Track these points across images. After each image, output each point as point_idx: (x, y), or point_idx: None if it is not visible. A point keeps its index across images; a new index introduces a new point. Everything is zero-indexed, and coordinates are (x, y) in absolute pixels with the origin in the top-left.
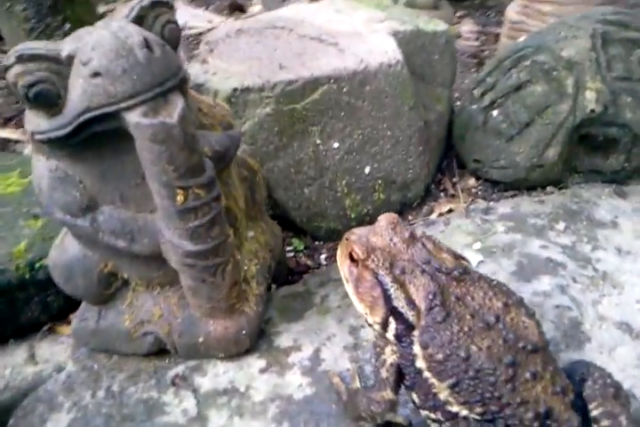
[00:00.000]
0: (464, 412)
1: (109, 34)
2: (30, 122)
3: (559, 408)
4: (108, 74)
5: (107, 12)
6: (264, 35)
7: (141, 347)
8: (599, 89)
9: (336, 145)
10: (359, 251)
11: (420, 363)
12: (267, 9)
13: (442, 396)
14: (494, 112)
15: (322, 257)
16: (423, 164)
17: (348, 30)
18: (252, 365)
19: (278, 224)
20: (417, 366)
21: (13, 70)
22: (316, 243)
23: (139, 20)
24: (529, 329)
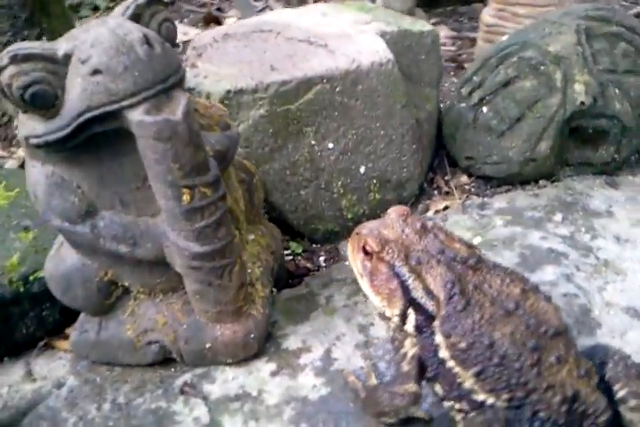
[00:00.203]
0: (490, 400)
1: (108, 31)
2: (24, 126)
3: (585, 391)
4: (109, 71)
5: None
6: (251, 38)
7: (145, 357)
8: (587, 82)
9: (331, 145)
10: (373, 244)
11: (443, 353)
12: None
13: (467, 385)
14: (484, 109)
15: (321, 259)
16: (417, 162)
17: (336, 32)
18: (262, 369)
19: None
20: (440, 356)
21: (7, 71)
22: (314, 246)
23: (135, 19)
24: (549, 314)
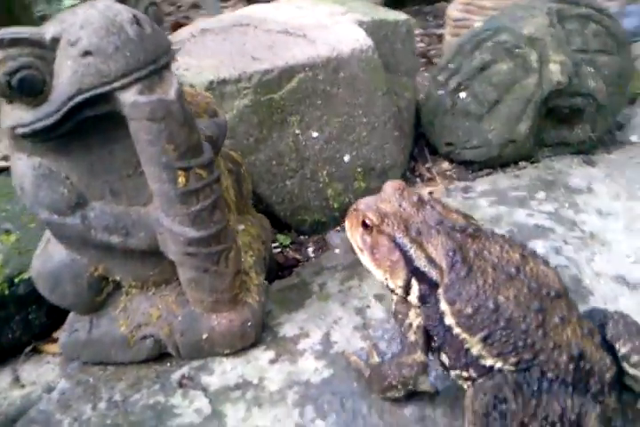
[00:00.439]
0: (498, 364)
1: (97, 12)
2: (9, 116)
3: (590, 349)
4: (100, 52)
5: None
6: (229, 32)
7: (140, 353)
8: (563, 61)
9: (315, 134)
10: (373, 217)
11: (449, 320)
12: None
13: (474, 351)
14: (462, 94)
15: (309, 250)
16: (400, 149)
17: (314, 23)
18: (260, 357)
19: None
20: (446, 323)
21: None
22: (302, 237)
23: (121, 2)
24: (549, 277)
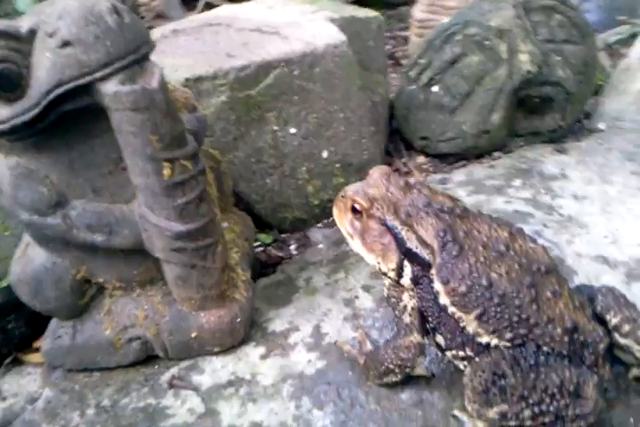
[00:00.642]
0: (494, 341)
1: (75, 2)
2: None
3: (583, 321)
4: (80, 42)
5: None
6: (202, 32)
7: (127, 356)
8: (532, 51)
9: (293, 130)
10: (362, 201)
11: (444, 299)
12: None
13: (470, 329)
14: (434, 88)
15: (291, 248)
16: (376, 144)
17: (286, 21)
18: (251, 354)
19: None
20: (440, 303)
21: None
22: (283, 235)
23: None
24: (538, 253)
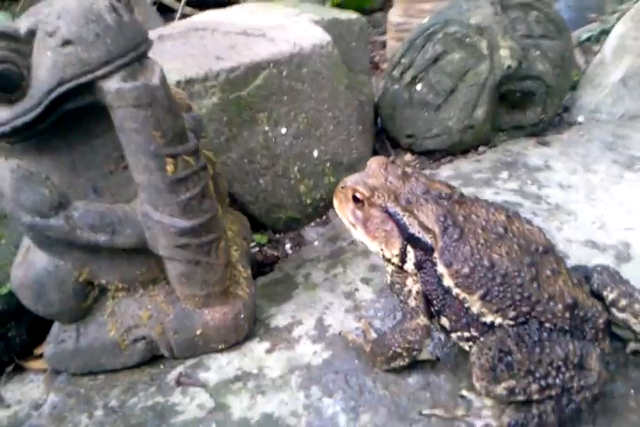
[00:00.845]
0: (498, 320)
1: (74, 1)
2: None
3: (582, 297)
4: (80, 40)
5: None
6: (188, 37)
7: (132, 357)
8: (511, 46)
9: (284, 131)
10: (363, 190)
11: (448, 281)
12: None
13: (475, 309)
14: (418, 86)
15: (287, 247)
16: (365, 143)
17: (271, 24)
18: (255, 349)
19: None
20: (445, 285)
21: None
22: (277, 235)
23: None
24: (535, 234)
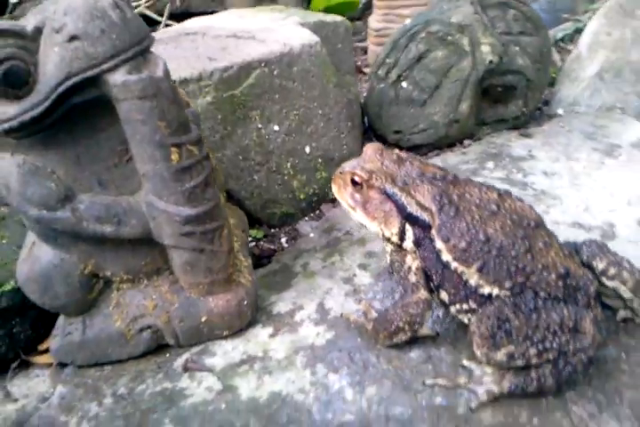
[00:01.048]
0: (495, 291)
1: None
2: None
3: (574, 267)
4: (87, 36)
5: None
6: (179, 41)
7: (138, 347)
8: (492, 43)
9: (276, 128)
10: (361, 173)
11: (446, 256)
12: None
13: (473, 281)
14: (403, 84)
15: (282, 240)
16: (354, 140)
17: (259, 27)
18: (259, 334)
19: None
20: (443, 260)
21: None
22: (273, 230)
23: None
24: (526, 211)
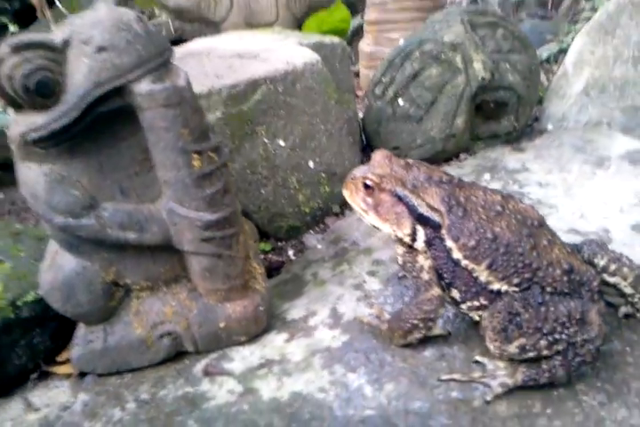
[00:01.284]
0: (504, 287)
1: (105, 13)
2: (19, 123)
3: (577, 263)
4: (114, 47)
5: None
6: (185, 61)
7: (158, 353)
8: (484, 60)
9: (282, 143)
10: (373, 177)
11: (456, 254)
12: None
13: (482, 278)
14: (400, 101)
15: (290, 253)
16: (355, 155)
17: (262, 48)
18: (275, 340)
19: None
20: (454, 258)
21: (9, 62)
22: (280, 243)
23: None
24: (529, 211)
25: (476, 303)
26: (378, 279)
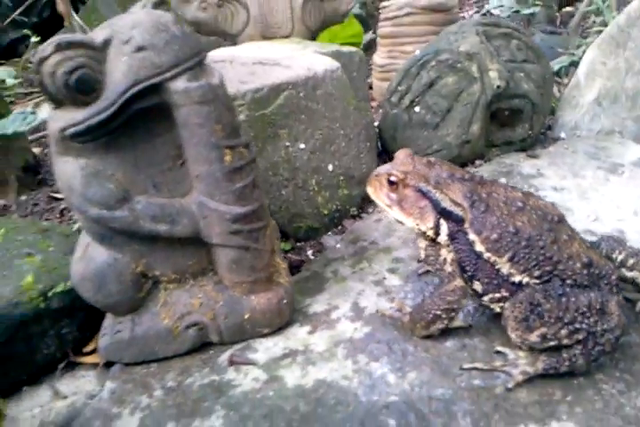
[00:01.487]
0: (525, 279)
1: (144, 15)
2: (58, 120)
3: (596, 257)
4: (153, 46)
5: None
6: None
7: (184, 344)
8: (499, 69)
9: (302, 146)
10: (397, 173)
11: (479, 247)
12: None
13: (504, 270)
14: (416, 109)
15: (309, 253)
16: (372, 159)
17: (283, 56)
18: (298, 332)
19: None
20: (477, 250)
21: (52, 60)
22: (299, 244)
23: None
24: (549, 207)
25: (498, 295)
26: (398, 276)
